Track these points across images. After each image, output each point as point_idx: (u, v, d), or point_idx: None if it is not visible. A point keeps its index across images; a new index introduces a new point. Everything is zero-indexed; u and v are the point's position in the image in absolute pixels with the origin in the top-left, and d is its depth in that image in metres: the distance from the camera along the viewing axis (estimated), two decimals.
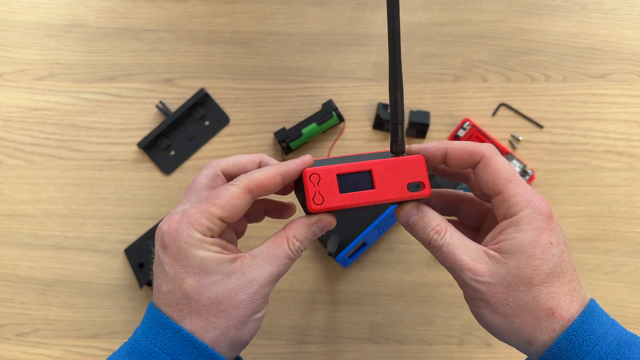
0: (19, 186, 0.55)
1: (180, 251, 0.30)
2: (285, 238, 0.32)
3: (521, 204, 0.31)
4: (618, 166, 0.55)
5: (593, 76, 0.57)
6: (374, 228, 0.51)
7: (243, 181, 0.31)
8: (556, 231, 0.31)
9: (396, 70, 0.31)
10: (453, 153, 0.33)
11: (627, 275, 0.53)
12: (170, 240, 0.30)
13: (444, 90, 0.56)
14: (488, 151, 0.32)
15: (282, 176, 0.32)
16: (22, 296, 0.53)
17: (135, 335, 0.32)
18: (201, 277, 0.30)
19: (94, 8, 0.59)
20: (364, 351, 0.52)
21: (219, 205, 0.30)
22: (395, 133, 0.32)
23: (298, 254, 0.33)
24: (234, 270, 0.31)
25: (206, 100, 0.57)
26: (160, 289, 0.31)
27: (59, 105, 0.57)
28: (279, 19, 0.58)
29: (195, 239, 0.30)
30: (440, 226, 0.32)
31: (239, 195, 0.31)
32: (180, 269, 0.30)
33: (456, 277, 0.32)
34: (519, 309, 0.30)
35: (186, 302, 0.30)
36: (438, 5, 0.58)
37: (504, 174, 0.31)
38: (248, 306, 0.31)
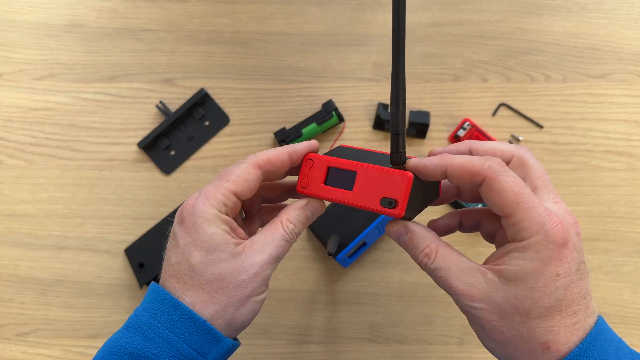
0: (19, 186, 0.55)
1: (194, 224, 0.32)
2: (279, 222, 0.34)
3: (531, 230, 0.28)
4: (618, 166, 0.55)
5: (593, 76, 0.57)
6: (374, 228, 0.51)
7: (252, 157, 0.34)
8: (567, 260, 0.29)
9: (399, 80, 0.29)
10: (453, 174, 0.30)
11: (627, 275, 0.53)
12: (187, 214, 0.32)
13: (444, 90, 0.56)
14: (492, 171, 0.29)
15: (289, 154, 0.34)
16: (22, 296, 0.53)
17: (136, 312, 0.33)
18: (208, 252, 0.32)
19: (94, 8, 0.59)
20: (364, 351, 0.52)
21: (231, 181, 0.33)
22: (395, 143, 0.31)
23: (294, 237, 0.34)
24: (238, 252, 0.32)
25: (206, 100, 0.57)
26: (169, 261, 0.33)
27: (59, 105, 0.57)
28: (279, 19, 0.58)
29: (209, 214, 0.32)
30: (430, 248, 0.31)
31: (249, 170, 0.33)
32: (190, 241, 0.32)
33: (452, 298, 0.32)
34: (512, 339, 0.29)
35: (191, 274, 0.32)
36: (438, 5, 0.58)
37: (510, 196, 0.29)
38: (248, 286, 0.32)
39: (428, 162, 0.31)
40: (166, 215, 0.54)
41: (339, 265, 0.53)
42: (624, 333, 0.52)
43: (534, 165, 0.33)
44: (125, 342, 0.31)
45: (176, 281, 0.32)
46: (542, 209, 0.29)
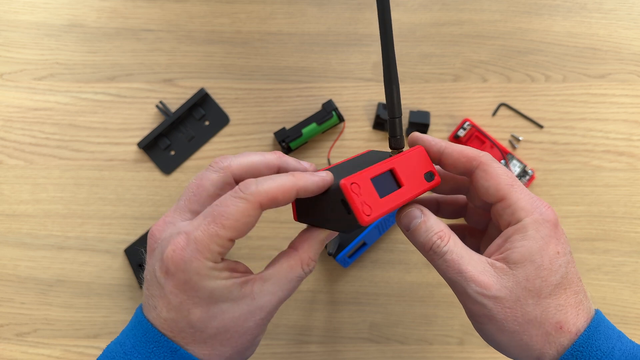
0: (18, 186, 0.55)
1: (187, 282, 0.27)
2: (299, 261, 0.30)
3: (527, 209, 0.30)
4: (618, 166, 0.55)
5: (593, 76, 0.57)
6: (374, 228, 0.51)
7: (254, 194, 0.27)
8: (562, 240, 0.30)
9: (390, 63, 0.30)
10: (451, 154, 0.32)
11: (627, 275, 0.53)
12: (176, 269, 0.27)
13: (444, 90, 0.56)
14: (486, 158, 0.31)
15: (298, 192, 0.28)
16: (22, 296, 0.53)
17: (124, 347, 0.29)
18: (209, 307, 0.28)
19: (94, 8, 0.59)
20: (364, 351, 0.52)
21: (228, 227, 0.27)
22: (393, 127, 0.31)
23: (309, 273, 0.31)
24: (244, 295, 0.28)
25: (206, 100, 0.57)
26: (159, 313, 0.28)
27: (59, 105, 0.57)
28: (279, 19, 0.58)
29: (205, 270, 0.27)
30: (444, 232, 0.30)
31: (250, 212, 0.27)
32: (186, 299, 0.28)
33: (458, 290, 0.30)
34: (527, 325, 0.29)
35: (190, 331, 0.28)
36: (438, 5, 0.58)
37: (505, 179, 0.30)
38: (254, 332, 0.29)
39: (429, 138, 0.32)
40: None
41: (339, 265, 0.53)
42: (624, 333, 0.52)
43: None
44: None
45: (172, 335, 0.28)
46: (532, 194, 0.31)
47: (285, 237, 0.54)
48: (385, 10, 0.29)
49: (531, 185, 0.54)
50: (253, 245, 0.54)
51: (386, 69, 0.30)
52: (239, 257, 0.53)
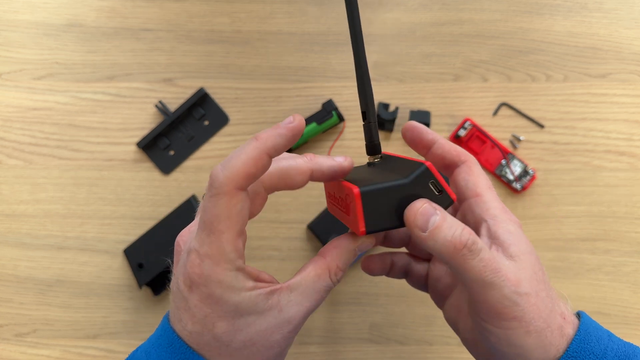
0: (18, 186, 0.55)
1: (211, 296, 0.26)
2: (327, 269, 0.28)
3: (499, 209, 0.30)
4: (619, 166, 0.54)
5: (594, 76, 0.56)
6: None
7: (224, 183, 0.25)
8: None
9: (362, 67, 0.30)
10: (443, 145, 0.32)
11: (628, 275, 0.53)
12: (199, 284, 0.26)
13: (445, 90, 0.56)
14: (473, 160, 0.32)
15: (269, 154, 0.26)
16: (22, 296, 0.53)
17: (149, 356, 0.28)
18: (235, 320, 0.27)
19: (93, 8, 0.59)
20: (364, 351, 0.52)
21: (225, 229, 0.26)
22: (369, 133, 0.30)
23: (338, 283, 0.29)
24: (270, 307, 0.27)
25: (206, 100, 0.57)
26: (184, 326, 0.27)
27: (58, 105, 0.57)
28: (279, 19, 0.58)
29: (228, 282, 0.26)
30: (467, 227, 0.27)
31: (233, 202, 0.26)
32: (211, 312, 0.27)
33: (488, 293, 0.26)
34: (548, 320, 0.27)
35: (216, 345, 0.27)
36: (438, 5, 0.58)
37: (485, 181, 0.31)
38: (282, 345, 0.28)
39: (425, 130, 0.32)
40: (165, 215, 0.54)
41: None
42: (625, 334, 0.52)
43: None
44: None
45: (198, 348, 0.27)
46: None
47: (285, 237, 0.54)
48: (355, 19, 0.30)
49: (532, 185, 0.54)
50: (253, 246, 0.54)
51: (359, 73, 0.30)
52: None
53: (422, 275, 0.37)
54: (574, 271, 0.53)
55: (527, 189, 0.54)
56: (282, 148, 0.26)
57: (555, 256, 0.53)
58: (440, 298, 0.36)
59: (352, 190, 0.26)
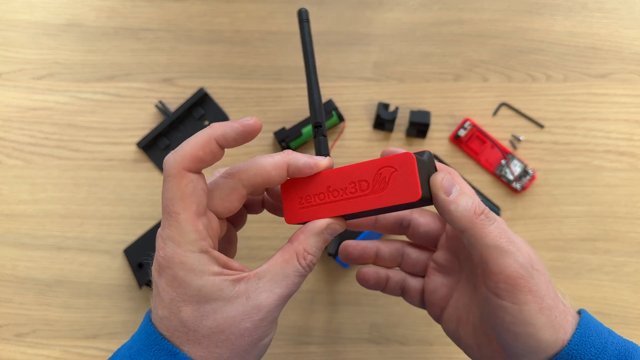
0: (17, 186, 0.55)
1: (175, 278, 0.27)
2: (294, 253, 0.29)
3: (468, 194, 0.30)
4: (619, 166, 0.54)
5: (594, 76, 0.56)
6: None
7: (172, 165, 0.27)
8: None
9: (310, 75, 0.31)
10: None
11: (629, 275, 0.53)
12: (164, 266, 0.27)
13: (445, 90, 0.56)
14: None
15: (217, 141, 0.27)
16: (21, 296, 0.53)
17: (130, 350, 0.28)
18: (200, 305, 0.27)
19: (92, 7, 0.58)
20: (364, 352, 0.52)
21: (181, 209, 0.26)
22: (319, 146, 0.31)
23: (310, 269, 0.29)
24: (237, 294, 0.27)
25: (205, 100, 0.56)
26: (156, 312, 0.28)
27: (58, 104, 0.57)
28: (279, 18, 0.58)
29: (190, 264, 0.26)
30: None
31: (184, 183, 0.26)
32: (176, 296, 0.27)
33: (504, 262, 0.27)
34: (554, 300, 0.28)
35: (184, 330, 0.27)
36: (438, 5, 0.58)
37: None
38: (253, 334, 0.27)
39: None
40: None
41: (339, 265, 0.53)
42: (625, 334, 0.51)
43: None
44: None
45: (169, 335, 0.27)
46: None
47: (285, 238, 0.53)
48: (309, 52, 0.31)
49: (532, 185, 0.54)
50: (253, 246, 0.54)
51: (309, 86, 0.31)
52: (238, 258, 0.53)
53: (418, 290, 0.37)
54: (574, 271, 0.53)
55: (527, 189, 0.54)
56: (231, 139, 0.27)
57: (556, 256, 0.53)
58: (438, 310, 0.36)
59: (408, 154, 0.28)
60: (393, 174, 0.28)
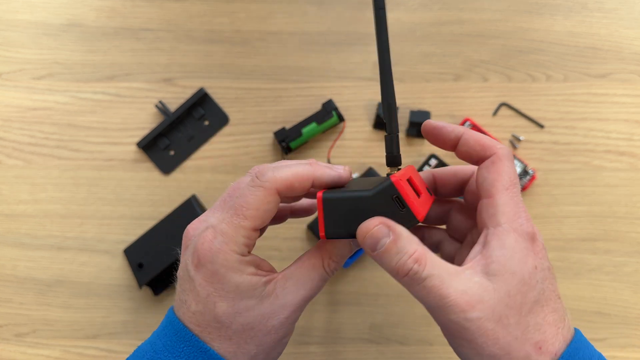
0: (17, 186, 0.55)
1: (215, 274, 0.28)
2: (320, 259, 0.30)
3: (508, 215, 0.28)
4: (619, 166, 0.54)
5: (594, 76, 0.56)
6: None
7: (271, 181, 0.28)
8: (540, 255, 0.28)
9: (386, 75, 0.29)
10: (467, 140, 0.30)
11: (629, 275, 0.53)
12: (205, 260, 0.28)
13: (445, 90, 0.56)
14: (501, 152, 0.30)
15: (314, 182, 0.29)
16: (21, 296, 0.53)
17: (154, 346, 0.29)
18: (235, 302, 0.28)
19: (93, 7, 0.58)
20: (364, 352, 0.52)
21: (250, 217, 0.28)
22: (390, 144, 0.30)
23: (333, 274, 0.30)
24: (268, 294, 0.29)
25: (206, 100, 0.56)
26: (188, 307, 0.29)
27: (58, 104, 0.57)
28: (279, 18, 0.58)
29: (232, 262, 0.28)
30: (419, 253, 0.27)
31: (268, 199, 0.28)
32: (213, 291, 0.28)
33: (437, 314, 0.27)
34: (508, 347, 0.27)
35: (216, 325, 0.28)
36: (438, 5, 0.58)
37: (505, 180, 0.29)
38: (279, 332, 0.29)
39: (447, 125, 0.31)
40: (165, 215, 0.54)
41: None
42: (625, 334, 0.51)
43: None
44: None
45: (199, 330, 0.29)
46: (522, 205, 0.29)
47: (285, 237, 0.54)
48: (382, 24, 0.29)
49: (532, 185, 0.54)
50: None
51: (383, 83, 0.30)
52: None
53: (451, 255, 0.36)
54: (574, 271, 0.53)
55: (527, 189, 0.54)
56: (324, 184, 0.29)
57: (556, 256, 0.53)
58: None
59: (318, 194, 0.28)
60: None
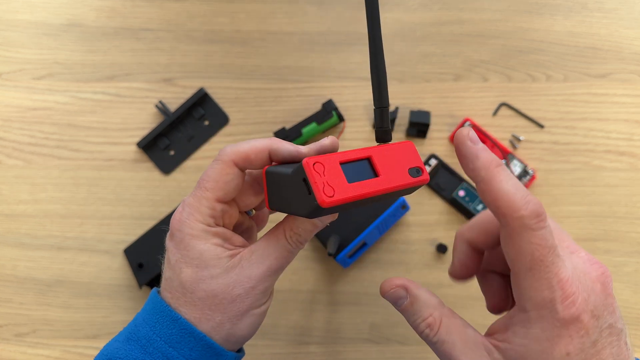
0: (17, 186, 0.55)
1: (182, 241, 0.30)
2: (282, 230, 0.31)
3: (533, 301, 0.25)
4: (619, 166, 0.54)
5: (594, 76, 0.56)
6: (374, 228, 0.50)
7: (228, 154, 0.30)
8: (578, 335, 0.25)
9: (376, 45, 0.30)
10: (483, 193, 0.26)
11: (629, 275, 0.53)
12: (175, 229, 0.31)
13: (445, 90, 0.56)
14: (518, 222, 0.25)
15: (270, 153, 0.30)
16: (21, 296, 0.53)
17: (136, 320, 0.32)
18: (199, 269, 0.30)
19: (93, 7, 0.58)
20: (364, 352, 0.52)
21: (210, 189, 0.30)
22: (380, 118, 0.29)
23: (298, 246, 0.31)
24: (233, 265, 0.30)
25: (205, 100, 0.56)
26: (164, 274, 0.32)
27: (58, 104, 0.57)
28: (279, 18, 0.58)
29: (196, 230, 0.30)
30: (434, 317, 0.28)
31: (226, 171, 0.30)
32: (180, 257, 0.30)
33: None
34: None
35: (182, 291, 0.30)
36: (438, 5, 0.58)
37: (526, 259, 0.25)
38: (245, 300, 0.30)
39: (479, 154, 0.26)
40: (165, 215, 0.54)
41: (339, 265, 0.53)
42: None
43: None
44: (124, 354, 0.30)
45: (170, 296, 0.31)
46: (556, 280, 0.25)
47: None
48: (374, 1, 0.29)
49: (532, 185, 0.54)
50: None
51: (372, 56, 0.30)
52: None
53: None
54: None
55: (527, 189, 0.54)
56: (282, 155, 0.30)
57: None
58: None
59: (264, 167, 0.30)
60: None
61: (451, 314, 0.28)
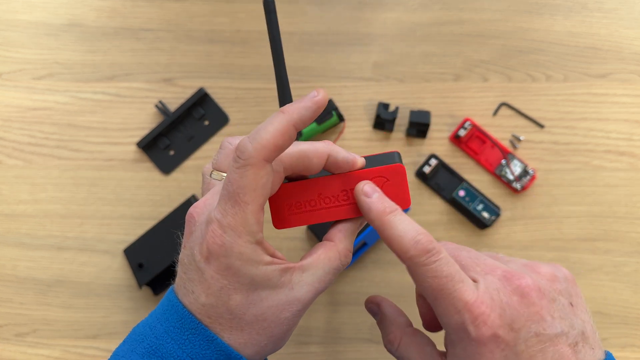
0: (17, 186, 0.55)
1: (230, 268, 0.27)
2: (337, 252, 0.30)
3: (450, 326, 0.28)
4: (619, 166, 0.54)
5: (594, 76, 0.56)
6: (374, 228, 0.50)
7: (254, 155, 0.26)
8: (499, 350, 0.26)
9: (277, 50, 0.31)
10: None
11: (629, 275, 0.53)
12: (218, 254, 0.27)
13: (445, 90, 0.56)
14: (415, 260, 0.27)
15: (296, 126, 0.27)
16: (21, 296, 0.53)
17: (155, 330, 0.28)
18: (249, 293, 0.27)
19: (93, 7, 0.59)
20: (364, 352, 0.52)
21: (250, 202, 0.26)
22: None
23: (346, 266, 0.31)
24: (283, 284, 0.28)
25: (205, 100, 0.56)
26: (197, 298, 0.28)
27: (58, 104, 0.57)
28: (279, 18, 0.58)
29: (246, 254, 0.27)
30: (394, 335, 0.32)
31: (260, 174, 0.26)
32: (227, 284, 0.27)
33: None
34: None
35: (229, 317, 0.28)
36: (438, 5, 0.58)
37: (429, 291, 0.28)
38: (290, 323, 0.29)
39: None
40: (165, 215, 0.54)
41: None
42: (624, 334, 0.51)
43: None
44: None
45: (209, 322, 0.28)
46: (462, 304, 0.27)
47: (285, 237, 0.53)
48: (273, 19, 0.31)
49: (532, 185, 0.54)
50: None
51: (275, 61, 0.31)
52: None
53: None
54: (574, 271, 0.53)
55: (527, 189, 0.54)
56: (307, 120, 0.27)
57: (556, 256, 0.53)
58: None
59: (399, 166, 0.31)
60: (385, 184, 0.30)
61: (413, 333, 0.31)
